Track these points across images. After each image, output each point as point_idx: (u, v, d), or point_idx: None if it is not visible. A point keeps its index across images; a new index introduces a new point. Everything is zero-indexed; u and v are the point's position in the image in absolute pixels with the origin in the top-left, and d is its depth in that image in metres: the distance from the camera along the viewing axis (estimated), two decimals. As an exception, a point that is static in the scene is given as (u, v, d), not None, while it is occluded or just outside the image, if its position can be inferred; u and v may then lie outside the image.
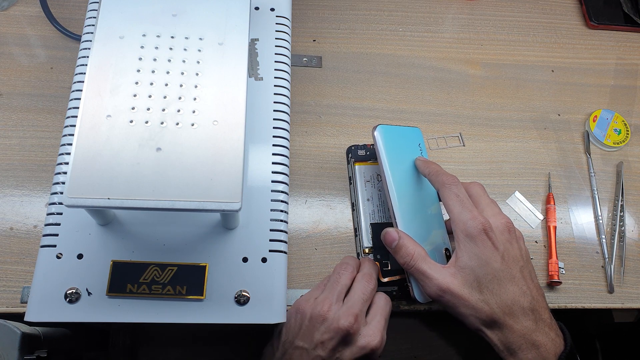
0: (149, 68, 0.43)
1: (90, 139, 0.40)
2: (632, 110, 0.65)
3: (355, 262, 0.50)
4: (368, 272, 0.48)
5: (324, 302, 0.45)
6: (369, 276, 0.48)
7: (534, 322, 0.43)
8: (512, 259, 0.45)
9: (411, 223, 0.48)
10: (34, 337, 0.39)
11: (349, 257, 0.51)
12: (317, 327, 0.44)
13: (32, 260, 0.48)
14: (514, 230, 0.46)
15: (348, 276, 0.48)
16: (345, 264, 0.49)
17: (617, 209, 0.58)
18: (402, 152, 0.52)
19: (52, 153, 0.54)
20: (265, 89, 0.53)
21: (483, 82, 0.65)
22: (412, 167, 0.52)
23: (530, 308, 0.44)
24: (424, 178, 0.51)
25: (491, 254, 0.44)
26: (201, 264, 0.44)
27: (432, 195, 0.52)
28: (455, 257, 0.45)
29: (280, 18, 0.56)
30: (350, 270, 0.48)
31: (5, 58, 0.59)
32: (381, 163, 0.50)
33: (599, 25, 0.70)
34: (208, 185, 0.39)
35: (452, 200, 0.46)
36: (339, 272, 0.48)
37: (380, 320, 0.45)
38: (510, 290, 0.43)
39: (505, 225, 0.46)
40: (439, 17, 0.69)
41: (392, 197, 0.48)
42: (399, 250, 0.46)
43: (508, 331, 0.43)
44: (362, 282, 0.47)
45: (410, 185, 0.51)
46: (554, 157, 0.61)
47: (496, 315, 0.43)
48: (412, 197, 0.50)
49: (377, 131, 0.51)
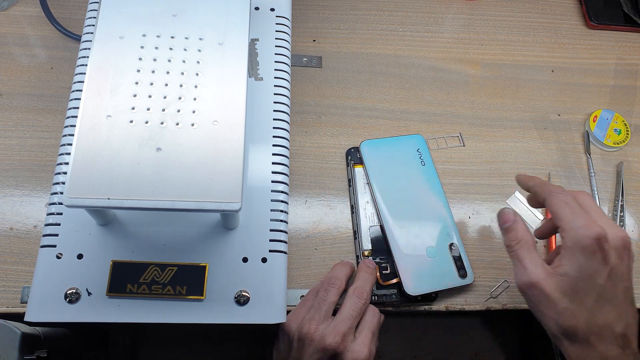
0: (149, 68, 0.43)
1: (90, 139, 0.40)
2: (632, 111, 0.65)
3: (345, 274, 0.49)
4: (360, 287, 0.48)
5: (310, 322, 0.45)
6: (360, 291, 0.47)
7: (620, 349, 0.40)
8: (620, 278, 0.41)
9: (401, 228, 0.52)
10: (34, 337, 0.39)
11: (339, 267, 0.50)
12: (305, 348, 0.44)
13: (32, 260, 0.48)
14: (630, 246, 0.42)
15: (335, 293, 0.47)
16: (334, 279, 0.48)
17: (617, 209, 0.58)
18: (393, 161, 0.56)
19: (52, 153, 0.54)
20: (265, 89, 0.53)
21: (483, 82, 0.65)
22: (405, 175, 0.55)
23: (622, 334, 0.40)
24: (419, 184, 0.53)
25: (598, 268, 0.40)
26: (201, 264, 0.44)
27: (432, 197, 0.54)
28: (558, 261, 0.42)
29: (280, 18, 0.56)
30: (338, 285, 0.48)
31: (5, 58, 0.59)
32: (366, 176, 0.55)
33: (599, 25, 0.70)
34: (208, 185, 0.39)
35: (561, 207, 0.43)
36: (326, 289, 0.47)
37: (368, 334, 0.45)
38: (606, 311, 0.40)
39: (623, 239, 0.41)
40: (439, 17, 0.69)
41: (381, 209, 0.53)
42: (509, 232, 0.45)
43: (589, 350, 0.40)
44: (353, 299, 0.47)
45: (402, 193, 0.54)
46: (554, 157, 0.61)
47: (581, 330, 0.40)
48: (403, 205, 0.53)
49: (362, 147, 0.56)
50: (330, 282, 0.48)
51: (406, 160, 0.56)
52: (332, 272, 0.49)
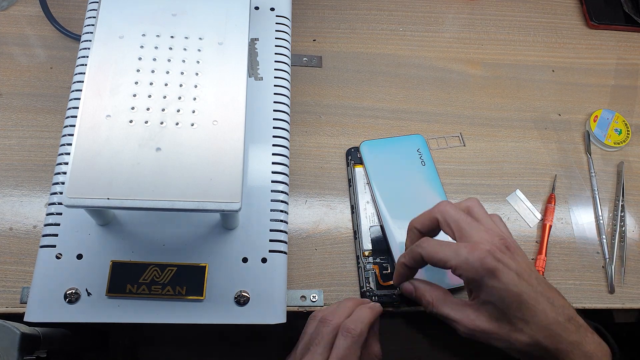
0: (148, 68, 0.43)
1: (90, 139, 0.39)
2: (632, 110, 0.65)
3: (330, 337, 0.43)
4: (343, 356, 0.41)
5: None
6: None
7: (576, 333, 0.40)
8: (526, 273, 0.41)
9: (401, 229, 0.51)
10: (33, 337, 0.39)
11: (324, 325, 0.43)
12: None
13: (32, 261, 0.48)
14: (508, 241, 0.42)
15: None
16: (319, 339, 0.42)
17: (618, 209, 0.58)
18: (393, 161, 0.56)
19: (51, 153, 0.53)
20: (265, 89, 0.53)
21: (483, 82, 0.65)
22: (405, 175, 0.55)
23: (567, 318, 0.40)
24: (419, 184, 0.54)
25: (506, 279, 0.39)
26: (201, 264, 0.44)
27: (432, 197, 0.53)
28: (475, 293, 0.42)
29: (280, 18, 0.56)
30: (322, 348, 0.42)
31: (5, 58, 0.59)
32: (366, 176, 0.55)
33: (600, 25, 0.69)
34: (208, 185, 0.39)
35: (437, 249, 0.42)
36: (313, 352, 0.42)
37: None
38: (539, 310, 0.40)
39: (501, 242, 0.41)
40: (439, 17, 0.68)
41: (381, 209, 0.52)
42: (419, 300, 0.46)
43: (558, 353, 0.40)
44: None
45: (402, 193, 0.54)
46: (555, 157, 0.61)
47: (541, 343, 0.40)
48: (403, 205, 0.53)
49: (362, 148, 0.56)
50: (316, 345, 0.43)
51: (406, 160, 0.56)
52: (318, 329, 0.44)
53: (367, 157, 0.56)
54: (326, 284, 0.51)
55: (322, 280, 0.51)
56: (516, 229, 0.56)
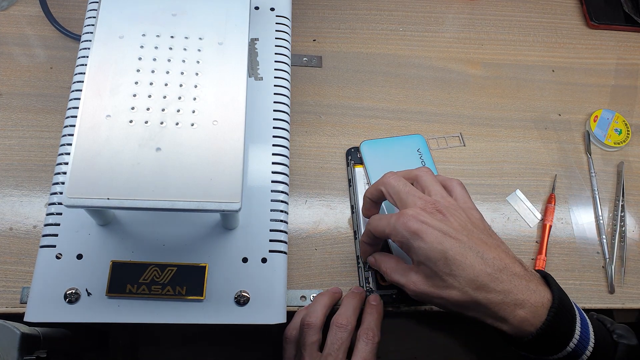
0: (148, 68, 0.43)
1: (90, 139, 0.39)
2: (632, 110, 0.65)
3: (348, 343, 0.45)
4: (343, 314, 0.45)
5: None
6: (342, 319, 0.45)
7: (508, 282, 0.41)
8: (455, 231, 0.42)
9: None
10: (33, 337, 0.39)
11: (341, 330, 0.45)
12: None
13: (32, 261, 0.48)
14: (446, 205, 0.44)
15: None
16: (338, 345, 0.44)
17: (618, 209, 0.58)
18: (393, 161, 0.56)
19: (51, 153, 0.53)
20: (265, 89, 0.53)
21: (483, 82, 0.65)
22: None
23: (497, 269, 0.41)
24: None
25: (429, 239, 0.41)
26: (201, 264, 0.44)
27: None
28: (412, 257, 0.44)
29: (280, 18, 0.56)
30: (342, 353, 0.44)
31: (5, 58, 0.59)
32: (366, 176, 0.55)
33: (600, 25, 0.69)
34: (208, 186, 0.39)
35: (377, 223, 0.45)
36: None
37: None
38: (467, 264, 0.41)
39: (431, 206, 0.43)
40: (439, 17, 0.68)
41: (380, 209, 0.51)
42: (380, 272, 0.48)
43: (489, 304, 0.41)
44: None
45: None
46: (555, 157, 0.61)
47: (472, 295, 0.41)
48: None
49: (362, 148, 0.56)
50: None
51: (406, 160, 0.56)
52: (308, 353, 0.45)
53: (367, 157, 0.56)
54: (326, 284, 0.51)
55: (322, 280, 0.51)
56: (516, 229, 0.56)
